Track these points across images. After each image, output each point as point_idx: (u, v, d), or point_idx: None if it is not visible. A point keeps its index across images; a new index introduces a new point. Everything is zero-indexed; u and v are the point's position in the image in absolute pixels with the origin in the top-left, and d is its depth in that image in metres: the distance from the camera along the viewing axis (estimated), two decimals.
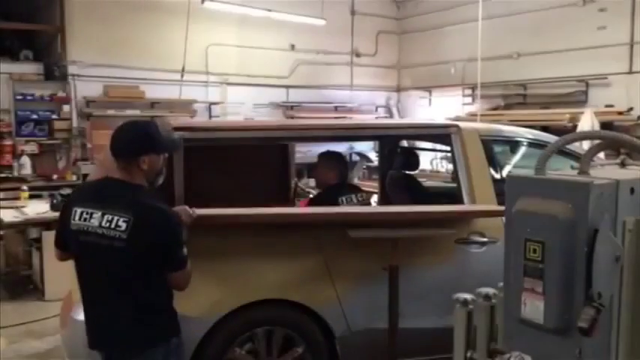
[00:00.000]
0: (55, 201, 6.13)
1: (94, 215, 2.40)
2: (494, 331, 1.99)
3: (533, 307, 1.63)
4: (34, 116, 8.89)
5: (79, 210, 2.45)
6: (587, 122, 8.45)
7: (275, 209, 3.54)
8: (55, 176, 8.87)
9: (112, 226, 2.37)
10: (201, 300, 3.07)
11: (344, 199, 3.94)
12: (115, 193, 2.45)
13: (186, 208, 2.82)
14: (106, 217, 2.39)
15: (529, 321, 1.65)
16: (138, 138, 2.50)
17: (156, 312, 2.51)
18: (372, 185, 7.42)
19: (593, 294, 1.54)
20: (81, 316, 2.63)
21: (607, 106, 9.26)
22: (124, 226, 2.35)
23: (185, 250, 2.48)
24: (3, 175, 8.52)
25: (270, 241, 3.22)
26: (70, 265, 2.64)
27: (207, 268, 3.11)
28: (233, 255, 3.18)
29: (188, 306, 3.03)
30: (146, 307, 2.47)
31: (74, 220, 2.45)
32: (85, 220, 2.42)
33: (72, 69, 9.20)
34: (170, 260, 2.45)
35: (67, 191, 6.18)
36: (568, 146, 3.14)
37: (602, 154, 2.43)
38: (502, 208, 1.81)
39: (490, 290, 2.03)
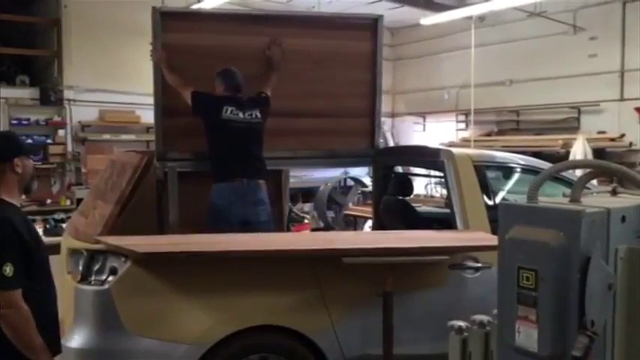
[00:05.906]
0: (48, 226, 6.10)
1: None
2: (489, 358, 1.99)
3: (527, 335, 1.63)
4: (29, 141, 8.88)
5: None
6: (579, 148, 8.53)
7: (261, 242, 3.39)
8: (48, 201, 8.85)
9: None
10: (192, 326, 3.04)
11: (229, 109, 4.00)
12: None
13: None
14: None
15: (523, 349, 1.65)
16: (2, 143, 2.46)
17: None
18: (366, 210, 7.42)
19: (587, 322, 1.54)
20: None
21: (599, 132, 9.36)
22: None
23: (7, 269, 2.22)
24: None
25: (264, 267, 3.21)
26: None
27: (199, 294, 3.10)
28: (226, 281, 3.16)
29: (179, 333, 3.03)
30: None
31: None
32: None
33: (68, 94, 9.26)
34: None
35: (60, 216, 6.14)
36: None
37: (595, 181, 2.45)
38: (495, 242, 1.80)
39: (485, 317, 2.02)
